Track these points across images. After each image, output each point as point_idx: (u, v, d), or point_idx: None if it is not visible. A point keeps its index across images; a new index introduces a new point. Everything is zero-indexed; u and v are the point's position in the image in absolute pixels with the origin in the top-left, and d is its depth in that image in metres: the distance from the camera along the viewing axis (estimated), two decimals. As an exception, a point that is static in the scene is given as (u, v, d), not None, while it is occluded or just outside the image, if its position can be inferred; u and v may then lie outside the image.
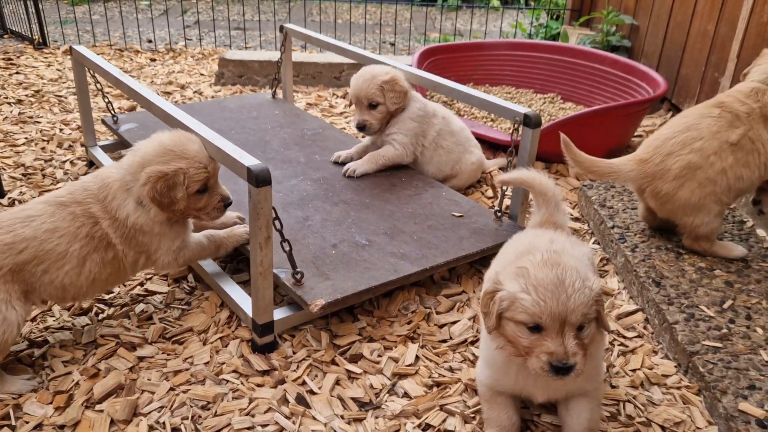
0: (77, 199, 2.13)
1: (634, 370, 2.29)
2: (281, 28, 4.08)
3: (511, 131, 2.82)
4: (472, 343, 2.38)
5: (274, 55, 5.53)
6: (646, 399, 2.16)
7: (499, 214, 2.94)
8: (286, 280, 2.36)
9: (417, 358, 2.29)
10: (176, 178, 2.13)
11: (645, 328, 2.53)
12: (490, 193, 3.55)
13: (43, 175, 3.58)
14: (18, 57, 6.00)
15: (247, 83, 5.44)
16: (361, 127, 3.24)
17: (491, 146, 4.09)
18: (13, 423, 1.97)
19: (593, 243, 3.13)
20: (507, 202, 3.38)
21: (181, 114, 2.48)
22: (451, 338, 2.42)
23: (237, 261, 2.85)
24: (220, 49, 6.70)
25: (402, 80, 3.21)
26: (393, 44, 7.21)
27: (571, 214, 3.39)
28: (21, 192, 3.36)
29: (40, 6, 6.44)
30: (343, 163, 3.33)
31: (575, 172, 3.81)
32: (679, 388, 2.21)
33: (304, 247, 2.59)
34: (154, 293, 2.62)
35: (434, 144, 3.35)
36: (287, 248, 2.30)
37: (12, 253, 2.01)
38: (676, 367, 2.30)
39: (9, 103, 4.73)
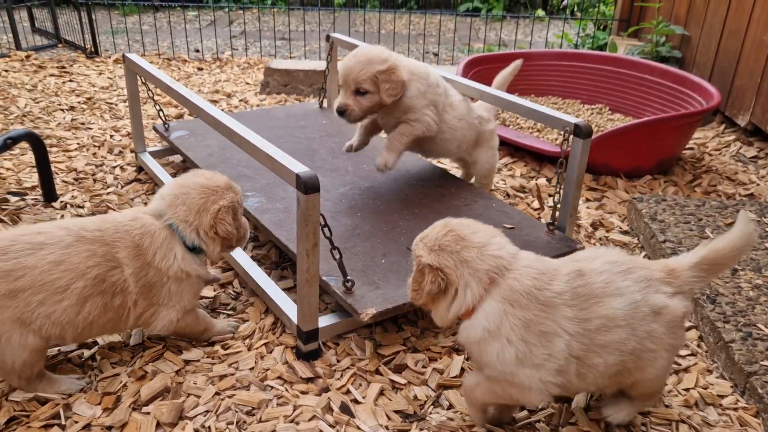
0: (104, 239, 2.05)
1: (687, 390, 2.21)
2: (327, 38, 4.11)
3: (560, 142, 2.76)
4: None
5: (319, 65, 5.58)
6: (701, 420, 2.08)
7: (552, 226, 2.88)
8: (337, 288, 2.35)
9: (462, 370, 2.25)
10: (234, 207, 2.22)
11: (699, 346, 2.44)
12: (536, 204, 3.49)
13: (94, 180, 3.67)
14: (71, 65, 6.19)
15: (291, 92, 5.50)
16: (341, 112, 2.88)
17: (537, 157, 4.04)
18: (63, 422, 2.00)
19: (644, 257, 3.04)
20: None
21: (231, 121, 2.51)
22: (497, 351, 2.37)
23: (282, 268, 2.86)
24: (265, 58, 6.79)
25: (400, 70, 2.86)
26: (436, 54, 7.20)
27: (620, 228, 3.31)
28: (73, 196, 3.44)
29: (93, 16, 6.64)
30: (356, 151, 3.19)
31: (624, 184, 3.73)
32: (735, 410, 2.12)
33: (354, 256, 2.58)
34: (200, 297, 2.64)
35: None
36: (337, 256, 2.29)
37: (9, 280, 1.92)
38: (732, 387, 2.21)
39: (62, 110, 4.87)
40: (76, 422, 2.00)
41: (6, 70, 5.87)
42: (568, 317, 1.74)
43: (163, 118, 3.80)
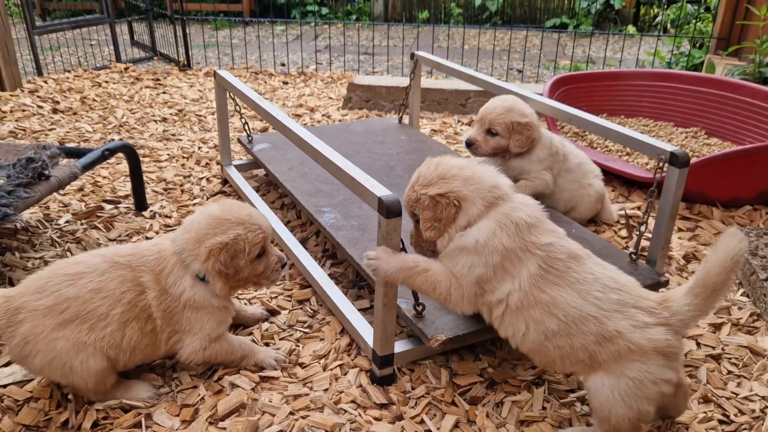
0: (132, 264, 2.09)
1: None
2: (412, 56, 4.10)
3: (654, 170, 2.62)
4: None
5: (401, 81, 5.59)
6: None
7: (634, 256, 2.74)
8: (407, 311, 2.31)
9: (544, 407, 2.16)
10: (237, 245, 2.09)
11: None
12: (624, 232, 3.33)
13: (182, 191, 3.79)
14: (165, 78, 6.47)
15: (373, 108, 5.53)
16: (469, 144, 3.10)
17: (626, 182, 3.87)
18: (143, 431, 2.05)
19: (741, 295, 2.84)
20: (644, 243, 3.16)
21: (316, 141, 2.52)
22: (579, 389, 2.26)
23: (359, 287, 2.85)
24: (348, 73, 6.88)
25: (537, 128, 3.06)
26: (520, 71, 7.07)
27: (716, 261, 3.10)
28: (161, 206, 3.57)
29: (187, 31, 6.93)
30: None
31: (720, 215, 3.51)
32: None
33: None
34: (277, 313, 2.66)
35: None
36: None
37: (55, 313, 1.99)
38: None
39: (155, 121, 5.08)
40: (156, 432, 2.05)
41: (106, 81, 6.20)
42: (531, 273, 1.87)
43: (248, 131, 3.89)
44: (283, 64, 7.24)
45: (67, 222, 3.32)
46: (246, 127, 3.87)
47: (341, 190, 3.22)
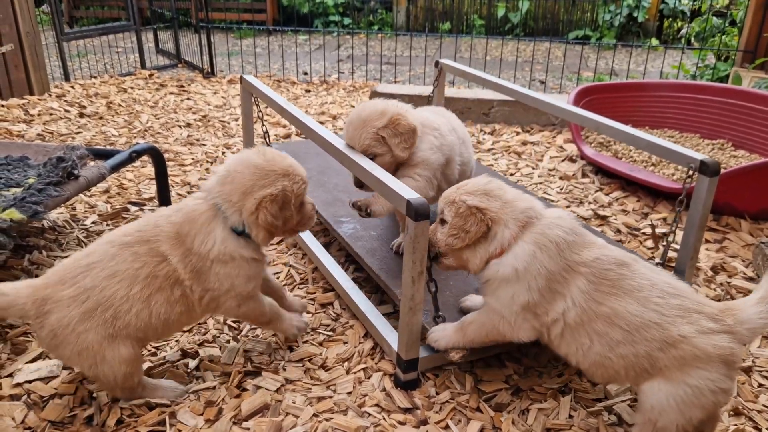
0: (144, 238, 2.05)
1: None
2: (436, 64, 4.10)
3: (682, 178, 2.59)
4: (632, 405, 2.17)
5: (423, 90, 5.60)
6: None
7: (659, 266, 2.69)
8: (427, 323, 2.29)
9: (570, 416, 2.13)
10: (285, 197, 2.06)
11: (840, 413, 2.18)
12: (649, 243, 3.29)
13: (206, 194, 3.81)
14: (189, 84, 6.54)
15: (395, 116, 5.53)
16: (360, 185, 2.52)
17: (651, 192, 3.83)
18: (167, 430, 2.04)
19: None
20: (672, 254, 3.13)
21: (341, 143, 2.53)
22: (606, 398, 2.23)
23: (382, 292, 2.84)
24: (370, 82, 6.90)
25: (405, 116, 2.49)
26: (543, 82, 7.06)
27: (744, 274, 3.05)
28: (186, 208, 3.58)
29: (212, 39, 7.01)
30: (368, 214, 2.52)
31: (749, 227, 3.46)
32: None
33: (447, 288, 2.52)
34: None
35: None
36: (433, 289, 2.24)
37: (77, 303, 1.98)
38: None
39: (179, 126, 5.13)
40: (180, 431, 2.04)
41: (132, 87, 6.28)
42: (582, 290, 1.85)
43: (268, 140, 3.90)
44: (305, 73, 7.29)
45: (93, 222, 3.36)
46: (266, 136, 3.89)
47: (361, 196, 3.22)
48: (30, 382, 2.24)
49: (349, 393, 2.22)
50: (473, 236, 1.95)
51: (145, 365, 2.31)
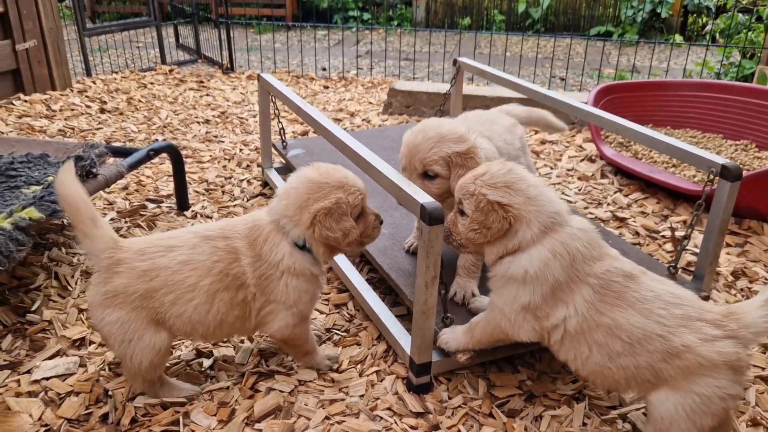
0: (225, 234, 2.09)
1: None
2: (455, 62, 4.07)
3: (703, 182, 2.54)
4: (646, 414, 2.14)
5: (442, 87, 5.57)
6: None
7: (673, 270, 2.66)
8: (436, 324, 2.27)
9: (584, 423, 2.11)
10: (340, 208, 2.04)
11: None
12: (669, 246, 3.25)
13: (223, 192, 3.84)
14: (208, 80, 6.57)
15: (413, 113, 5.52)
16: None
17: (672, 194, 3.77)
18: (181, 430, 2.06)
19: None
20: (692, 258, 3.08)
21: (355, 143, 2.53)
22: (620, 405, 2.20)
23: (395, 293, 2.83)
24: (389, 78, 6.88)
25: (479, 153, 2.36)
26: (563, 79, 6.98)
27: (766, 279, 3.00)
28: (203, 206, 3.61)
29: (231, 34, 7.03)
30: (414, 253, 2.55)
31: (772, 230, 3.39)
32: None
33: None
34: (314, 317, 2.66)
35: None
36: (443, 291, 2.23)
37: (145, 279, 2.01)
38: None
39: (198, 122, 5.16)
40: (193, 431, 2.06)
41: (152, 83, 6.33)
42: (586, 299, 1.82)
43: (283, 136, 3.91)
44: (324, 69, 7.29)
45: (111, 220, 3.39)
46: (281, 132, 3.90)
47: (373, 198, 3.19)
48: (47, 379, 2.28)
49: (362, 396, 2.22)
50: (495, 233, 1.90)
51: (160, 364, 2.33)
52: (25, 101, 5.35)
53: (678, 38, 8.93)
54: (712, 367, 1.74)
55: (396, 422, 2.09)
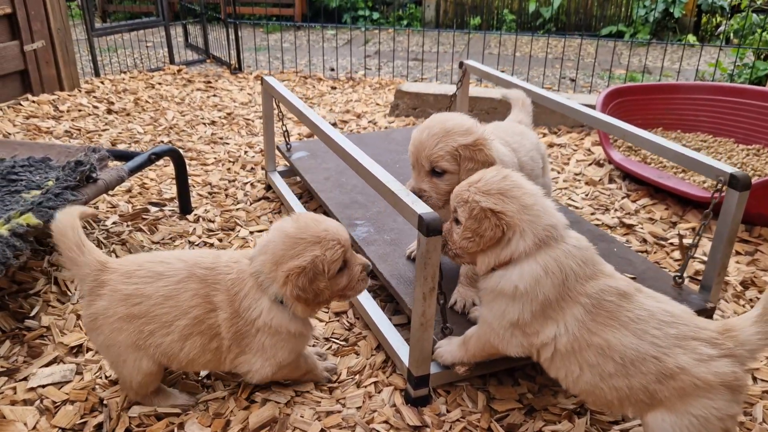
0: (208, 280, 2.02)
1: None
2: (461, 65, 4.03)
3: (712, 192, 2.48)
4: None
5: (449, 89, 5.51)
6: None
7: (679, 280, 2.60)
8: (435, 334, 2.24)
9: (585, 439, 2.06)
10: (315, 268, 1.92)
11: None
12: (677, 254, 3.19)
13: (226, 195, 3.81)
14: (216, 80, 6.56)
15: (420, 115, 5.47)
16: (417, 196, 2.21)
17: (681, 200, 3.71)
18: (175, 441, 2.04)
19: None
20: (699, 266, 3.02)
21: (355, 150, 2.49)
22: (623, 420, 2.15)
23: (395, 302, 2.80)
24: (397, 79, 6.84)
25: (489, 145, 2.29)
26: (573, 80, 6.90)
27: (776, 289, 2.93)
28: (206, 210, 3.59)
29: (240, 34, 7.02)
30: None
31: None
32: None
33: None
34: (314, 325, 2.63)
35: None
36: (442, 301, 2.19)
37: (128, 304, 1.98)
38: None
39: (204, 124, 5.15)
40: (187, 443, 2.03)
41: (159, 83, 6.32)
42: (577, 318, 1.78)
43: (287, 139, 3.89)
44: (332, 69, 7.26)
45: (113, 223, 3.38)
46: (285, 135, 3.87)
47: (377, 202, 3.18)
48: (44, 386, 2.27)
49: (359, 408, 2.18)
50: (488, 241, 1.86)
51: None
52: (33, 102, 5.36)
53: (691, 38, 8.81)
54: (709, 389, 1.69)
55: (392, 436, 2.06)
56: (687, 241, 3.28)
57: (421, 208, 1.99)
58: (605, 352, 1.76)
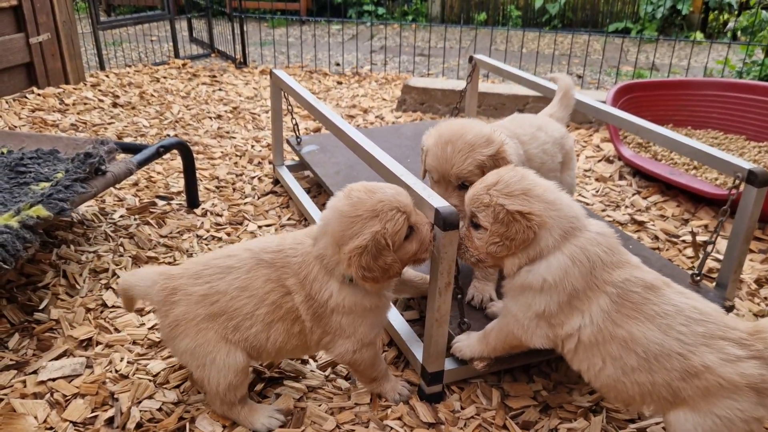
0: (276, 263, 1.97)
1: None
2: (470, 59, 3.99)
3: (729, 188, 2.45)
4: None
5: (457, 84, 5.48)
6: None
7: (697, 277, 2.57)
8: (452, 329, 2.22)
9: (601, 437, 2.04)
10: (377, 244, 1.81)
11: None
12: (690, 251, 3.16)
13: (233, 189, 3.79)
14: (221, 75, 6.53)
15: (427, 111, 5.44)
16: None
17: (693, 198, 3.67)
18: (186, 436, 2.02)
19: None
20: (714, 264, 3.00)
21: (369, 143, 2.46)
22: (639, 419, 2.13)
23: (408, 297, 2.77)
24: (403, 74, 6.80)
25: (508, 151, 2.31)
26: (580, 77, 6.87)
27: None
28: (213, 204, 3.56)
29: (245, 28, 6.98)
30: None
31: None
32: None
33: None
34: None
35: None
36: (459, 295, 2.16)
37: (206, 304, 1.96)
38: None
39: (210, 118, 5.12)
40: (199, 438, 2.01)
41: (164, 77, 6.29)
42: (602, 309, 1.75)
43: (297, 133, 3.86)
44: (338, 64, 7.23)
45: (121, 217, 3.35)
46: (296, 129, 3.84)
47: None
48: (54, 380, 2.24)
49: (371, 404, 2.16)
50: (519, 244, 1.81)
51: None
52: (39, 95, 5.33)
53: (699, 35, 8.76)
54: (734, 389, 1.66)
55: (407, 432, 2.04)
56: (701, 238, 3.25)
57: (438, 201, 1.96)
58: (628, 345, 1.74)
